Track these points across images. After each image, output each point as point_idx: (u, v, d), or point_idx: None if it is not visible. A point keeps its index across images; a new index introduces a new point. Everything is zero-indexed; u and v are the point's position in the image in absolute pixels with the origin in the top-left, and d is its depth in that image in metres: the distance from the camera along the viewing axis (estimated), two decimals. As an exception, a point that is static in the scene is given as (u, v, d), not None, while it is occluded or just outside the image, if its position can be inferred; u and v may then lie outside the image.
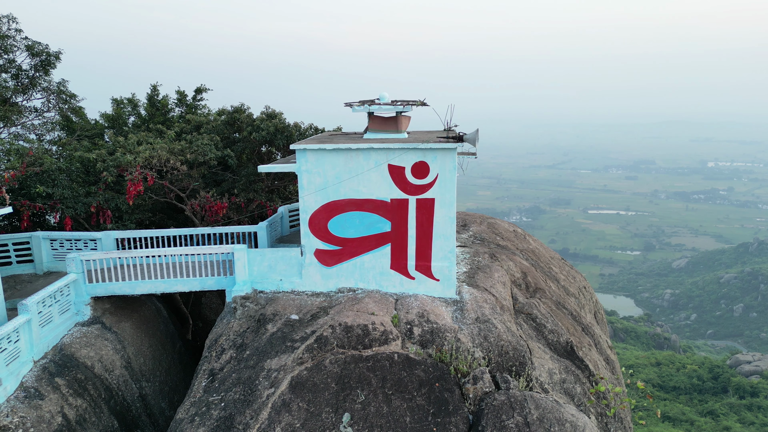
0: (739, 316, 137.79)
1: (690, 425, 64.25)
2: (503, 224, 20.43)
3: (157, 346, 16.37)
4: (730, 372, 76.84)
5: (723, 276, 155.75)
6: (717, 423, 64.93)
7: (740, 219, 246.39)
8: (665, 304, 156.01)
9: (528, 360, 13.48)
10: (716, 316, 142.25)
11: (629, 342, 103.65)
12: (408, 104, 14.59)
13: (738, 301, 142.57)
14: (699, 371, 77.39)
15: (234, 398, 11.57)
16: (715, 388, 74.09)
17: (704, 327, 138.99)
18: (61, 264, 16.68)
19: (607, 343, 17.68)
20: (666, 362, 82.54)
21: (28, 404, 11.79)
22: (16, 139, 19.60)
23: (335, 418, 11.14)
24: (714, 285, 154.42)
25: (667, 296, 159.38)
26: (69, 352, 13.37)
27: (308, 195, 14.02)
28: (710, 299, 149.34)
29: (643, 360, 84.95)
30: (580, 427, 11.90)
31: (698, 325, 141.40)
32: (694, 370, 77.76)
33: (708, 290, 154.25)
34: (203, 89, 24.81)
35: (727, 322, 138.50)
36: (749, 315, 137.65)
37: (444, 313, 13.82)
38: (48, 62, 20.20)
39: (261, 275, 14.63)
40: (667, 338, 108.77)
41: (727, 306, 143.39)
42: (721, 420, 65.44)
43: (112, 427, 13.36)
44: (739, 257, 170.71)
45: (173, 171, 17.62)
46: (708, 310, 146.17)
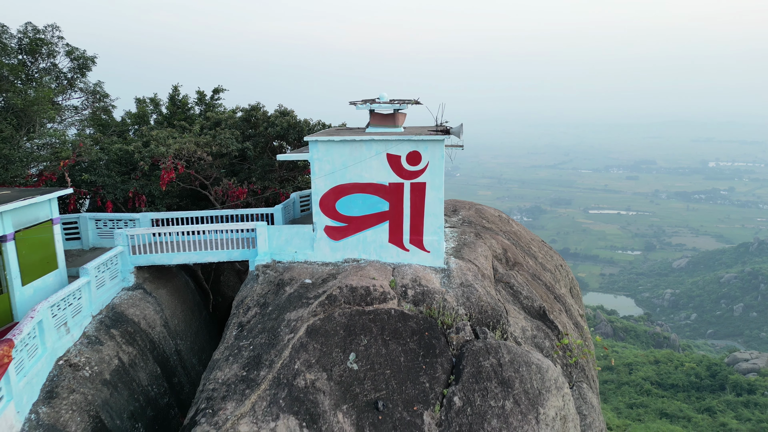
0: (739, 316, 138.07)
1: (687, 422, 65.13)
2: (489, 210, 23.03)
3: (187, 312, 18.98)
4: (728, 370, 77.59)
5: (723, 276, 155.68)
6: (714, 419, 65.71)
7: (741, 219, 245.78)
8: (665, 304, 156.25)
9: (504, 318, 16.06)
10: (716, 316, 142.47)
11: (629, 341, 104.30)
12: (404, 103, 17.17)
13: (738, 300, 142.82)
14: (697, 369, 78.06)
15: (260, 342, 14.18)
16: (713, 385, 74.80)
17: (704, 327, 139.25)
18: (105, 241, 19.28)
19: (579, 312, 20.22)
20: (664, 360, 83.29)
21: (91, 348, 14.39)
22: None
23: (343, 356, 13.74)
24: (714, 285, 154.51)
25: (668, 296, 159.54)
26: (119, 311, 15.98)
27: (319, 179, 16.61)
28: (710, 299, 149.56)
29: (641, 358, 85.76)
30: (544, 368, 14.49)
31: (698, 324, 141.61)
32: (692, 368, 78.35)
33: (708, 290, 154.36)
34: (220, 89, 27.44)
35: (727, 321, 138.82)
36: (749, 315, 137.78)
37: (433, 278, 16.40)
38: (85, 65, 22.79)
39: (279, 248, 17.24)
40: (667, 337, 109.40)
41: (727, 306, 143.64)
42: (718, 417, 66.19)
43: (155, 372, 15.97)
44: (740, 257, 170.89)
45: (199, 161, 20.22)
46: (708, 309, 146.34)
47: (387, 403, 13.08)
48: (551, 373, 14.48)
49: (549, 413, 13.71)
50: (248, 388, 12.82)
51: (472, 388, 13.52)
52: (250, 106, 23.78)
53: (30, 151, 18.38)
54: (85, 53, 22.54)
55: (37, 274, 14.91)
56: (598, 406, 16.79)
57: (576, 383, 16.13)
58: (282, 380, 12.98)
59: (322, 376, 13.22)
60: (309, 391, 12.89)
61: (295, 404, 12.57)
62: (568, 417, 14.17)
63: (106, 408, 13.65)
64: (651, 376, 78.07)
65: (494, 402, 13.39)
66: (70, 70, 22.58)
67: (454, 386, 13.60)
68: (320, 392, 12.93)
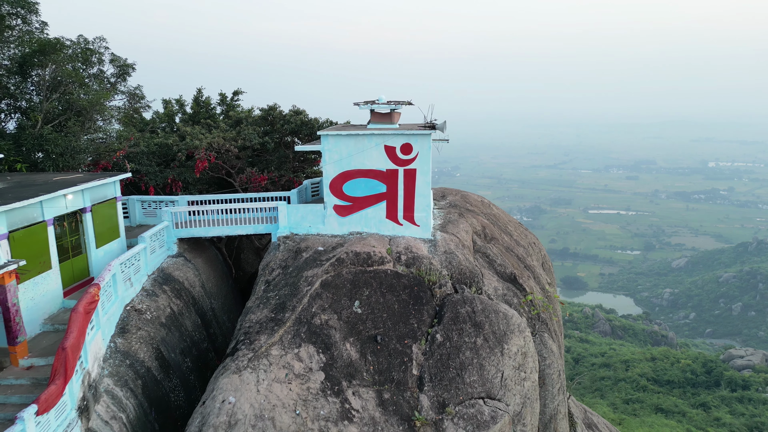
0: (737, 315, 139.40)
1: (682, 416, 66.82)
2: (473, 195, 26.74)
3: (218, 278, 22.73)
4: (723, 366, 79.26)
5: (722, 275, 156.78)
6: (708, 414, 67.70)
7: (740, 219, 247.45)
8: (664, 303, 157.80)
9: (480, 279, 19.77)
10: (715, 315, 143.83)
11: (627, 339, 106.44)
12: (398, 104, 20.89)
13: (737, 300, 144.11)
14: (693, 366, 79.56)
15: (284, 293, 17.91)
16: (708, 381, 76.35)
17: (703, 326, 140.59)
18: (149, 219, 23.03)
19: (547, 280, 23.92)
20: (661, 357, 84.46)
21: (149, 299, 18.14)
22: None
23: (350, 303, 17.47)
24: (713, 284, 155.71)
25: (667, 295, 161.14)
26: (167, 272, 19.72)
27: (329, 166, 20.36)
28: (709, 298, 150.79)
29: (638, 355, 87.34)
30: (510, 316, 18.23)
31: (697, 323, 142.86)
32: (688, 365, 79.86)
33: (707, 289, 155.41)
34: (239, 92, 31.18)
35: (725, 321, 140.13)
36: (748, 314, 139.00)
37: (422, 247, 20.11)
38: (125, 71, 26.52)
39: (296, 223, 20.98)
40: (665, 336, 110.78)
41: (725, 305, 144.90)
42: (713, 412, 68.08)
43: (197, 322, 19.73)
44: (739, 257, 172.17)
45: (227, 153, 23.94)
46: (707, 309, 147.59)
47: (384, 338, 16.81)
48: (515, 319, 18.21)
49: (512, 349, 17.43)
50: (276, 326, 16.56)
51: (450, 328, 17.25)
52: (268, 107, 27.47)
53: (89, 144, 22.10)
54: (126, 61, 26.27)
55: (106, 241, 18.67)
56: (558, 352, 20.46)
57: (538, 332, 19.82)
58: (302, 320, 16.72)
59: (333, 317, 16.96)
60: (323, 327, 16.62)
61: (313, 336, 16.31)
62: (527, 353, 17.87)
63: (164, 343, 17.41)
64: (647, 373, 79.50)
65: (468, 339, 17.11)
66: (113, 75, 26.32)
67: (437, 327, 17.33)
68: (332, 328, 16.67)
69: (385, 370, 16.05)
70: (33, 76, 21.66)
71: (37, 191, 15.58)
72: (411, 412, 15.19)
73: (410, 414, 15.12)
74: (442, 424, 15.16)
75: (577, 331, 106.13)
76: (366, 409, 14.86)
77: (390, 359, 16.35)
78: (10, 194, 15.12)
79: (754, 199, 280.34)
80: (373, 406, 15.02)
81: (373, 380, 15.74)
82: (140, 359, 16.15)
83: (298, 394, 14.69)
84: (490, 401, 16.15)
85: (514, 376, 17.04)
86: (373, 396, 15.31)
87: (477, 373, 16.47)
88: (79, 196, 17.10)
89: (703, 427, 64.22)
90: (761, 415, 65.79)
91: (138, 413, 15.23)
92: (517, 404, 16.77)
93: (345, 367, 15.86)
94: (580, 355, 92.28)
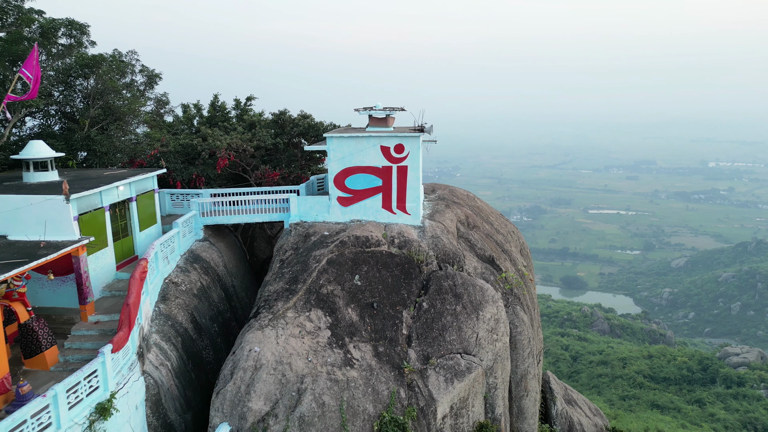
0: (736, 315, 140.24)
1: (677, 412, 68.81)
2: (460, 190, 30.25)
3: (237, 261, 26.27)
4: (719, 364, 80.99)
5: (721, 275, 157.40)
6: (703, 410, 69.58)
7: (740, 219, 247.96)
8: (664, 303, 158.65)
9: (462, 259, 23.26)
10: (714, 315, 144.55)
11: (625, 338, 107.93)
12: (393, 110, 24.41)
13: (735, 299, 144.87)
14: (689, 363, 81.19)
15: (296, 269, 21.43)
16: (704, 378, 78.14)
17: (702, 325, 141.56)
18: (176, 209, 26.54)
19: (523, 263, 27.39)
20: (658, 355, 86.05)
21: (183, 274, 21.66)
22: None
23: (351, 276, 20.99)
24: (712, 284, 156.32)
25: (666, 295, 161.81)
26: (196, 253, 23.25)
27: (333, 163, 23.88)
28: (708, 298, 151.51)
29: (635, 353, 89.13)
30: (485, 289, 21.73)
31: (696, 323, 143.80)
32: (685, 362, 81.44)
33: (706, 289, 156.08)
34: (252, 97, 34.73)
35: (724, 320, 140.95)
36: (746, 313, 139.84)
37: (413, 232, 23.62)
38: (153, 80, 30.03)
39: (305, 212, 24.51)
40: (663, 334, 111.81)
41: (724, 304, 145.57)
42: (707, 408, 69.99)
43: (222, 295, 23.27)
44: (738, 256, 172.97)
45: (244, 152, 27.47)
46: (706, 308, 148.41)
47: (379, 305, 20.33)
48: (490, 292, 21.73)
49: (486, 315, 20.93)
50: (290, 294, 20.10)
51: (434, 297, 20.77)
52: (279, 111, 30.97)
53: (127, 144, 25.65)
54: (154, 71, 29.79)
55: (146, 226, 22.23)
56: (529, 323, 23.91)
57: (511, 305, 23.30)
58: (312, 290, 20.26)
59: (337, 288, 20.49)
60: (329, 296, 20.16)
61: (320, 303, 19.85)
62: (499, 320, 21.37)
63: (197, 310, 20.96)
64: (644, 370, 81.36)
65: (449, 306, 20.62)
66: (142, 83, 29.86)
67: (423, 296, 20.85)
68: (337, 297, 20.20)
69: (380, 330, 19.58)
70: (77, 86, 25.22)
71: (96, 183, 19.13)
72: (401, 362, 18.71)
73: (400, 363, 18.64)
74: (426, 372, 18.68)
75: (575, 329, 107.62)
76: (364, 359, 18.39)
77: (384, 321, 19.88)
78: (76, 185, 18.66)
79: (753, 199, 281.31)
80: (370, 356, 18.55)
81: (370, 337, 19.27)
82: (179, 321, 19.70)
83: (310, 346, 18.23)
84: (467, 356, 19.66)
85: (488, 337, 20.55)
86: (370, 349, 18.84)
87: (456, 334, 19.98)
88: (127, 188, 20.66)
89: (697, 422, 66.00)
90: (755, 411, 68.12)
91: (179, 363, 18.79)
92: (489, 360, 20.28)
93: (347, 327, 19.39)
94: (578, 353, 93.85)
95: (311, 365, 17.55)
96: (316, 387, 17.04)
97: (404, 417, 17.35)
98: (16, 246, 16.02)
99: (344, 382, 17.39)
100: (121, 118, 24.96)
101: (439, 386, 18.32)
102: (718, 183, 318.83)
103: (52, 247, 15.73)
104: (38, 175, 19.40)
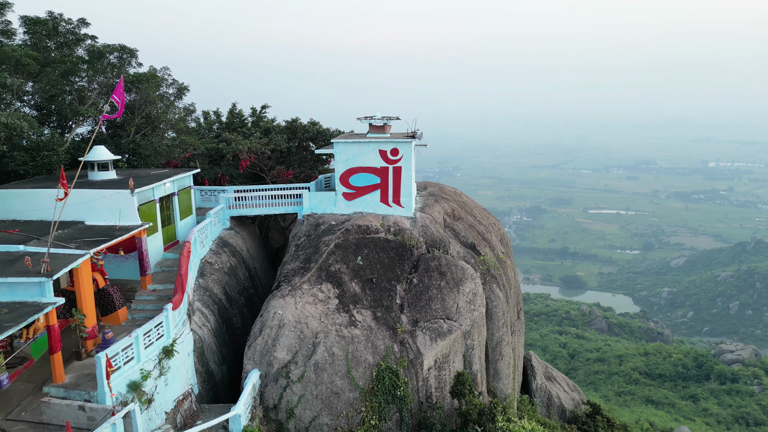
0: (734, 314, 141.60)
1: (671, 407, 70.98)
2: (449, 187, 34.81)
3: (257, 247, 30.86)
4: (713, 361, 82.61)
5: (720, 274, 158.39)
6: (697, 406, 71.88)
7: (740, 219, 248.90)
8: (662, 302, 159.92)
9: (447, 245, 27.78)
10: (712, 314, 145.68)
11: (623, 336, 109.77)
12: (389, 119, 28.96)
13: (734, 299, 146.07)
14: (684, 360, 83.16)
15: (309, 252, 26.00)
16: (699, 375, 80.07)
17: (700, 324, 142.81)
18: (205, 203, 31.12)
19: (501, 250, 31.91)
20: (654, 352, 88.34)
21: (216, 256, 26.23)
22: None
23: (354, 257, 25.54)
24: (711, 283, 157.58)
25: (665, 294, 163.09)
26: (225, 239, 27.83)
27: (339, 164, 28.45)
28: (707, 297, 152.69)
29: (632, 350, 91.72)
30: (465, 269, 26.28)
31: (694, 322, 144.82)
32: (680, 359, 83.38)
33: (705, 288, 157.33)
34: (266, 106, 39.34)
35: (723, 319, 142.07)
36: (745, 312, 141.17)
37: (406, 222, 28.16)
38: (182, 92, 34.59)
39: (315, 205, 29.08)
40: (660, 333, 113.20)
41: (723, 304, 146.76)
42: (701, 403, 72.26)
43: (246, 275, 27.86)
44: (737, 256, 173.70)
45: (262, 154, 32.07)
46: (704, 307, 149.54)
47: (377, 280, 24.88)
48: (469, 271, 26.27)
49: (465, 290, 25.47)
50: (305, 271, 24.67)
51: (423, 275, 25.30)
52: (291, 119, 35.58)
53: (165, 147, 30.28)
54: (183, 84, 34.38)
55: (185, 216, 26.84)
56: (504, 299, 28.42)
57: (488, 283, 27.82)
58: (322, 267, 24.82)
59: (343, 266, 25.06)
60: (337, 273, 24.73)
61: (330, 278, 24.41)
62: (477, 294, 25.89)
63: (227, 285, 25.56)
64: (640, 367, 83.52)
65: (435, 282, 25.15)
66: (172, 94, 34.47)
67: (414, 274, 25.40)
68: (343, 273, 24.77)
69: (378, 300, 24.15)
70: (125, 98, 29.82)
71: (149, 180, 23.73)
72: (394, 324, 23.28)
73: (394, 325, 23.20)
74: (415, 332, 23.23)
75: (573, 327, 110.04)
76: (365, 321, 22.96)
77: (381, 293, 24.45)
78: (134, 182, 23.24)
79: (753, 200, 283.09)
80: (369, 319, 23.12)
81: (370, 305, 23.84)
82: (214, 293, 24.30)
83: (322, 310, 22.82)
84: (448, 321, 24.22)
85: (466, 307, 25.10)
86: (370, 314, 23.41)
87: (440, 303, 24.53)
88: (172, 184, 25.27)
89: (690, 417, 68.46)
90: (747, 406, 70.43)
91: (216, 325, 23.39)
92: (467, 325, 24.82)
93: (351, 296, 23.97)
94: (575, 350, 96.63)
95: (323, 325, 22.13)
96: (327, 341, 21.63)
97: (397, 366, 21.91)
98: (94, 229, 20.62)
99: (349, 338, 21.97)
100: (158, 126, 29.56)
101: (425, 343, 22.89)
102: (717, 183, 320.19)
103: (124, 230, 20.34)
104: (101, 174, 24.04)
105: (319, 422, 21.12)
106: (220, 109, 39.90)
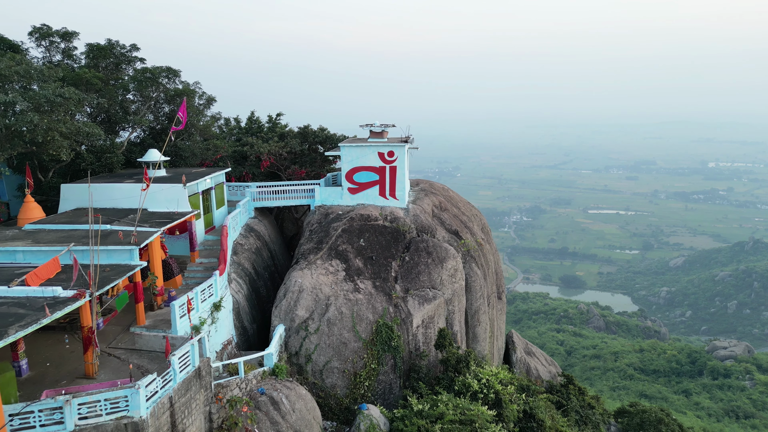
0: (732, 313, 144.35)
1: (664, 401, 72.60)
2: (438, 184, 40.81)
3: (276, 233, 36.85)
4: (707, 357, 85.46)
5: (718, 274, 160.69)
6: (689, 400, 74.47)
7: (739, 219, 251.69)
8: (661, 302, 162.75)
9: (434, 230, 33.72)
10: (710, 313, 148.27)
11: (620, 334, 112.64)
12: (387, 126, 34.94)
13: (732, 298, 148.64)
14: (678, 356, 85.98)
15: (321, 235, 31.97)
16: (692, 371, 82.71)
17: (699, 323, 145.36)
18: (232, 197, 37.05)
19: (482, 237, 37.83)
20: (649, 349, 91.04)
21: (244, 239, 32.19)
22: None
23: (358, 240, 31.51)
24: (709, 283, 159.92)
25: (664, 294, 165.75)
26: (251, 226, 33.81)
27: (345, 164, 34.45)
28: (705, 296, 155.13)
29: (628, 347, 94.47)
30: (448, 249, 32.24)
31: (693, 321, 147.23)
32: (674, 355, 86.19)
33: (703, 288, 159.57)
34: (281, 114, 45.36)
35: (721, 318, 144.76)
36: (743, 312, 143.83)
37: (400, 212, 34.10)
38: (210, 102, 40.59)
39: (325, 198, 35.07)
40: (657, 331, 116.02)
41: (721, 303, 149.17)
42: (693, 397, 74.92)
43: (269, 255, 33.85)
44: (735, 256, 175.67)
45: (279, 156, 38.07)
46: (703, 307, 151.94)
47: (376, 258, 30.82)
48: (451, 251, 32.21)
49: (448, 266, 31.39)
50: (318, 251, 30.64)
51: (413, 254, 31.24)
52: (303, 126, 41.59)
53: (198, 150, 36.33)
54: (211, 96, 40.40)
55: (219, 206, 32.86)
56: (482, 275, 34.33)
57: (468, 262, 33.73)
58: (332, 248, 30.79)
59: (349, 247, 31.02)
60: (344, 252, 30.69)
61: (338, 256, 30.38)
62: (457, 270, 31.81)
63: (255, 262, 31.55)
64: (635, 363, 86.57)
65: (423, 259, 31.08)
66: (202, 104, 40.52)
67: (406, 253, 31.34)
68: (349, 252, 30.73)
69: (377, 272, 30.11)
70: (165, 109, 35.90)
71: (195, 177, 29.70)
72: (390, 291, 29.23)
73: (390, 292, 29.15)
74: (406, 298, 29.18)
75: (571, 326, 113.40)
76: (367, 288, 28.92)
77: (380, 268, 30.41)
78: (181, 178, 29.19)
79: (752, 200, 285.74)
80: (370, 287, 29.08)
81: (371, 276, 29.81)
82: (246, 267, 30.28)
83: (332, 280, 28.80)
84: (433, 290, 30.16)
85: (449, 279, 31.02)
86: (370, 283, 29.37)
87: (427, 276, 30.47)
88: (211, 180, 31.29)
89: (682, 410, 70.53)
90: (738, 400, 73.35)
91: (248, 293, 29.38)
92: (449, 294, 30.75)
93: (355, 270, 29.95)
94: (572, 347, 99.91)
95: (333, 290, 28.12)
96: (337, 302, 27.62)
97: (392, 323, 27.87)
98: (156, 215, 26.60)
99: (354, 300, 27.95)
100: (193, 132, 35.63)
101: (415, 306, 28.85)
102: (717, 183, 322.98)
103: (180, 215, 26.35)
104: (155, 172, 30.05)
105: (330, 365, 27.10)
106: (240, 115, 45.97)
